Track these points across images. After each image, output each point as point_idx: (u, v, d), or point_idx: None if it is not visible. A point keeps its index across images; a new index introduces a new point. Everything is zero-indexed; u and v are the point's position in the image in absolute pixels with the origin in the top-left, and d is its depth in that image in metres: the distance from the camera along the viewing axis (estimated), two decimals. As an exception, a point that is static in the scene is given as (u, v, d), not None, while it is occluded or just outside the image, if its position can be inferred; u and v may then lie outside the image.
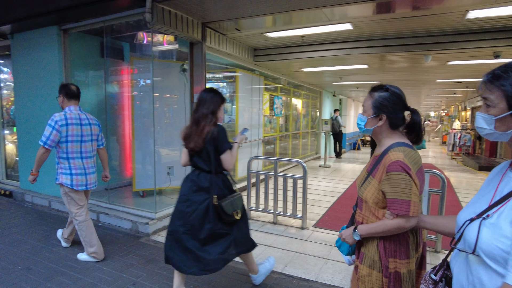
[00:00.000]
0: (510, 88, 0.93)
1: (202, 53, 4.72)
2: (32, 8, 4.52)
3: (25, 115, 5.51)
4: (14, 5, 4.76)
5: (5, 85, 6.26)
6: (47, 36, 5.01)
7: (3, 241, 3.97)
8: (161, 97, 5.29)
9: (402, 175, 1.39)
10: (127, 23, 4.65)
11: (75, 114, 3.42)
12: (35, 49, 5.21)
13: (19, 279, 3.10)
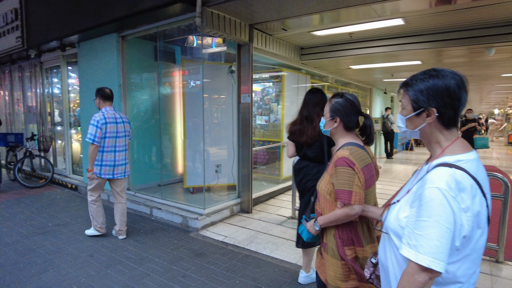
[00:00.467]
0: (413, 94, 1.17)
1: (249, 54, 4.81)
2: (96, 18, 4.94)
3: (88, 116, 6.01)
4: (81, 17, 5.23)
5: (72, 88, 6.89)
6: (108, 43, 5.43)
7: (71, 229, 4.40)
8: (210, 97, 5.49)
9: (346, 169, 1.61)
10: (178, 27, 4.88)
11: (111, 114, 3.93)
12: (97, 55, 5.68)
13: (84, 264, 3.43)
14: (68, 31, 5.55)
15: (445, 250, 1.00)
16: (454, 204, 1.01)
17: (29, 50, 6.78)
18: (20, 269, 3.32)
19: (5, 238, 4.11)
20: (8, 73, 8.44)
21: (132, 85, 5.65)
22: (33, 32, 6.45)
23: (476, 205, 1.05)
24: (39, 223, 4.63)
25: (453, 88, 1.12)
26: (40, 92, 7.36)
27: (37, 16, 6.31)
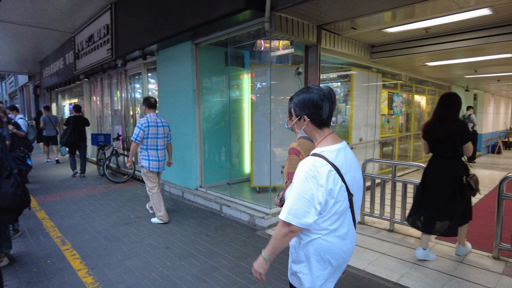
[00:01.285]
0: (293, 105, 1.66)
1: (317, 55, 4.78)
2: (173, 28, 5.36)
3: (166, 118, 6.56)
4: (160, 28, 5.72)
5: (151, 93, 7.56)
6: (183, 51, 5.86)
7: (150, 222, 4.84)
8: (276, 99, 5.58)
9: (293, 156, 2.02)
10: (248, 33, 5.06)
11: (153, 119, 4.73)
12: (173, 62, 6.15)
13: (161, 255, 3.75)
14: (148, 41, 6.11)
15: (302, 212, 1.46)
16: (311, 181, 1.45)
17: (116, 60, 7.61)
18: (109, 254, 3.76)
19: (97, 226, 4.68)
20: (99, 81, 9.57)
21: (204, 89, 6.00)
22: (120, 44, 7.23)
23: (330, 183, 1.46)
24: (123, 215, 5.18)
25: (316, 100, 1.57)
26: (125, 96, 8.22)
27: (124, 29, 7.06)
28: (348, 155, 1.62)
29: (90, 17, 8.41)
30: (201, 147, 6.01)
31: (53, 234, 4.39)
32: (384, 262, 3.52)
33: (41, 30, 9.62)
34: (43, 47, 12.28)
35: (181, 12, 5.18)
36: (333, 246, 1.58)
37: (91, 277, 3.26)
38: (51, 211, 5.41)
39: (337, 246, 1.58)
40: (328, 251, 1.58)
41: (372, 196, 4.63)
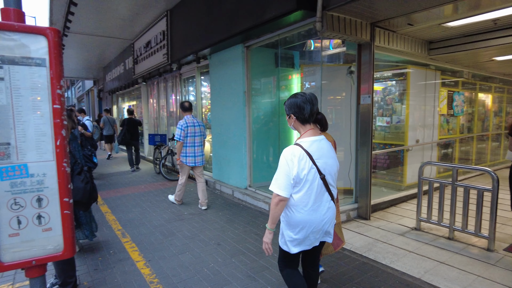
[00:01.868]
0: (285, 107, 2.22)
1: (370, 53, 4.62)
2: (225, 32, 5.51)
3: (217, 119, 6.77)
4: (212, 32, 5.92)
5: (204, 95, 7.84)
6: (234, 53, 5.99)
7: (202, 219, 5.02)
8: (326, 99, 5.48)
9: None
10: (298, 33, 5.04)
11: (190, 120, 5.41)
12: (225, 65, 6.32)
13: (212, 251, 3.87)
14: (202, 46, 6.35)
15: (285, 185, 2.03)
16: (289, 163, 2.03)
17: (172, 64, 8.01)
18: (164, 248, 3.97)
19: (154, 221, 4.96)
20: (156, 84, 10.14)
21: (254, 91, 6.09)
22: (175, 49, 7.60)
23: (301, 164, 2.02)
24: (177, 211, 5.43)
25: (299, 103, 2.11)
26: (179, 99, 8.61)
27: (178, 35, 7.41)
28: (322, 145, 2.15)
29: (148, 24, 8.95)
30: (251, 148, 6.10)
31: (114, 227, 4.73)
32: (443, 272, 3.29)
33: (105, 38, 10.47)
34: (106, 54, 13.34)
35: (232, 16, 5.31)
36: (306, 216, 2.10)
37: (148, 268, 3.46)
38: (112, 205, 5.84)
39: (307, 216, 2.11)
40: (301, 220, 2.11)
41: (430, 201, 4.35)
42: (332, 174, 2.16)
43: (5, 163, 1.42)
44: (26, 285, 3.18)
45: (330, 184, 2.15)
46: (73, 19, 7.89)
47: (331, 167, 2.15)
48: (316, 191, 2.08)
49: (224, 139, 6.59)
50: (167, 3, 7.35)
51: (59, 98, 1.47)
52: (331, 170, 2.14)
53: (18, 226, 1.49)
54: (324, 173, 2.09)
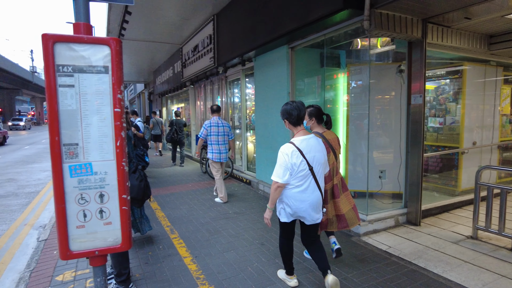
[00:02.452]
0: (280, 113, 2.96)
1: (422, 51, 4.40)
2: (270, 34, 5.56)
3: (261, 121, 6.84)
4: (257, 35, 6.00)
5: (249, 97, 7.96)
6: (279, 55, 6.02)
7: (247, 218, 5.10)
8: (373, 99, 5.30)
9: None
10: (345, 33, 4.93)
11: (215, 121, 6.05)
12: (270, 67, 6.37)
13: (256, 251, 3.92)
14: (247, 48, 6.46)
15: (282, 174, 2.70)
16: (285, 157, 2.69)
17: (218, 67, 8.23)
18: (210, 245, 4.10)
19: (200, 219, 5.14)
20: (203, 87, 10.47)
21: (298, 92, 6.07)
22: (221, 52, 7.80)
23: (293, 158, 2.68)
24: (222, 210, 5.57)
25: (288, 110, 2.79)
26: (225, 101, 8.82)
27: (225, 38, 7.60)
28: (311, 142, 2.80)
29: (195, 29, 9.28)
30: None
31: (163, 223, 4.97)
32: (504, 286, 3.04)
33: (155, 44, 11.04)
34: (156, 59, 14.04)
35: (277, 18, 5.34)
36: (296, 194, 2.79)
37: (195, 265, 3.60)
38: (162, 202, 6.15)
39: (298, 195, 2.79)
40: (292, 197, 2.80)
41: (489, 208, 4.04)
42: (320, 164, 2.83)
43: (73, 161, 1.58)
44: (86, 272, 3.47)
45: (317, 174, 2.81)
46: (127, 27, 8.41)
47: (319, 160, 2.82)
48: (304, 179, 2.77)
49: (268, 140, 6.63)
50: (214, 7, 7.57)
51: (119, 102, 1.60)
52: (318, 161, 2.81)
53: (84, 219, 1.64)
54: (312, 164, 2.76)
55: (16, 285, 3.37)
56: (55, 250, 4.08)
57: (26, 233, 4.94)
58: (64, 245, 1.61)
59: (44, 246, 4.25)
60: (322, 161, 2.84)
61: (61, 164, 1.56)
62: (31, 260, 3.91)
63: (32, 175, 9.79)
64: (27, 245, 4.47)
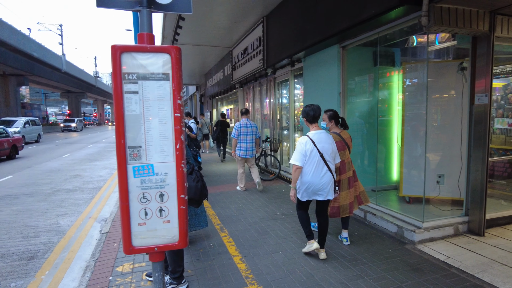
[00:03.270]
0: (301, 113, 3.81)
1: (488, 46, 4.05)
2: (320, 34, 5.48)
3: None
4: (307, 35, 5.94)
5: (297, 98, 7.91)
6: (329, 55, 5.91)
7: (294, 220, 5.07)
8: (430, 98, 4.99)
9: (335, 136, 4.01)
10: (400, 30, 4.71)
11: (244, 122, 6.93)
12: (320, 67, 6.27)
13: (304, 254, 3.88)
14: (296, 49, 6.42)
15: (300, 159, 3.53)
16: (301, 145, 3.53)
17: (267, 69, 8.29)
18: (259, 246, 4.14)
19: (249, 218, 5.22)
20: (251, 89, 10.62)
21: (350, 92, 5.90)
22: (270, 54, 7.85)
23: (307, 146, 3.51)
24: (270, 210, 5.60)
25: (306, 111, 3.64)
26: (273, 102, 8.86)
27: (274, 40, 7.63)
28: (321, 136, 3.58)
29: (245, 31, 9.44)
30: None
31: (214, 221, 5.12)
32: None
33: (206, 48, 11.42)
34: (207, 62, 14.51)
35: (328, 17, 5.25)
36: (310, 178, 3.54)
37: (244, 264, 3.66)
38: (212, 201, 6.34)
39: (312, 179, 3.54)
40: (307, 181, 3.56)
41: None
42: (328, 153, 3.59)
43: (137, 163, 1.70)
44: (142, 266, 3.69)
45: (327, 160, 3.57)
46: (181, 32, 8.80)
47: (327, 149, 3.58)
48: (316, 163, 3.54)
49: (317, 141, 6.54)
50: (263, 9, 7.64)
51: (179, 107, 1.69)
52: (327, 151, 3.58)
53: (145, 217, 1.76)
54: (322, 152, 3.54)
55: (83, 272, 3.69)
56: (115, 242, 4.40)
57: (90, 225, 5.38)
58: (127, 241, 1.74)
59: (106, 238, 4.60)
60: (330, 151, 3.60)
61: (126, 165, 1.69)
62: (95, 250, 4.25)
63: (95, 172, 10.64)
64: (92, 237, 4.86)
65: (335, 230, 4.65)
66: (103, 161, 13.28)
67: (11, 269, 3.85)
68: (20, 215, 5.94)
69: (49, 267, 3.89)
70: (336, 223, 4.91)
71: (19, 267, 3.89)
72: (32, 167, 11.65)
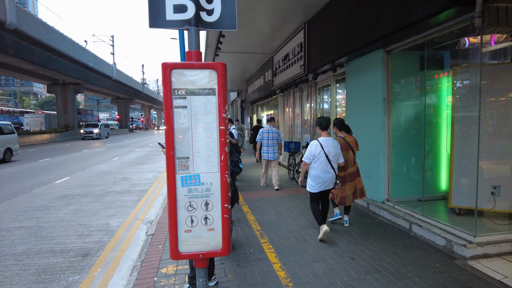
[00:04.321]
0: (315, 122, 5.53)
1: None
2: (364, 38, 5.37)
3: (352, 127, 6.60)
4: (350, 40, 5.85)
5: (339, 103, 7.78)
6: (373, 59, 5.76)
7: (335, 229, 4.99)
8: (484, 101, 4.67)
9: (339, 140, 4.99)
10: (449, 32, 4.48)
11: (267, 128, 7.93)
12: (363, 72, 6.13)
13: (346, 264, 3.80)
14: (339, 54, 6.34)
15: (308, 158, 4.59)
16: (312, 148, 4.57)
17: (308, 75, 8.25)
18: (299, 254, 4.12)
19: (288, 225, 5.21)
20: (292, 94, 10.62)
21: (395, 97, 5.70)
22: (311, 59, 7.81)
23: (316, 149, 4.54)
24: (310, 218, 5.54)
25: (320, 121, 4.68)
26: (314, 107, 8.79)
27: (315, 46, 7.59)
28: (328, 141, 4.54)
29: (286, 38, 9.48)
30: (389, 158, 5.72)
31: (254, 227, 5.18)
32: None
33: (248, 55, 11.62)
34: (248, 69, 14.75)
35: (372, 21, 5.13)
36: (317, 173, 4.52)
37: (283, 271, 3.66)
38: (252, 206, 6.41)
39: (319, 173, 4.52)
40: (315, 175, 4.55)
41: None
42: (332, 155, 4.53)
43: (185, 173, 1.79)
44: (185, 268, 3.82)
45: (331, 160, 4.52)
46: (223, 40, 9.04)
47: (331, 152, 4.53)
48: (323, 162, 4.50)
49: (360, 148, 6.37)
50: (304, 16, 7.64)
51: (224, 121, 1.76)
52: (331, 153, 4.53)
53: (191, 225, 1.85)
54: (327, 154, 4.49)
55: (131, 271, 3.91)
56: (160, 244, 4.60)
57: (137, 227, 5.68)
58: (174, 247, 1.84)
59: (151, 240, 4.83)
60: (334, 153, 4.57)
61: (174, 175, 1.79)
62: (141, 251, 4.48)
63: (141, 175, 11.19)
64: (138, 238, 5.13)
65: (384, 236, 4.50)
66: (149, 164, 13.93)
67: (69, 264, 4.17)
68: (76, 214, 6.42)
69: (100, 265, 4.17)
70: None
71: (75, 263, 4.21)
72: (86, 169, 12.53)
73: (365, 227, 5.07)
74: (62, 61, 28.43)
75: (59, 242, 4.97)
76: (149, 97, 66.98)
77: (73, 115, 36.09)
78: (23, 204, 7.27)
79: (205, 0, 1.82)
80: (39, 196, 7.98)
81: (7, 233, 5.39)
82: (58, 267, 4.12)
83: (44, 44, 23.16)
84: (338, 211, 5.34)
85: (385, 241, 4.47)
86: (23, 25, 19.74)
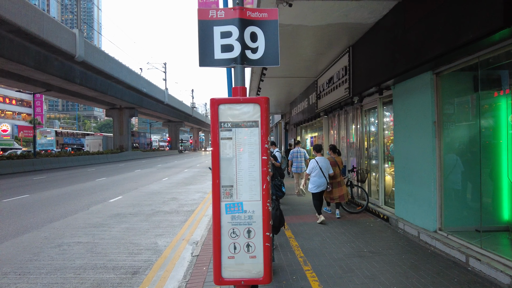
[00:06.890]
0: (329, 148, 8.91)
1: None
2: (411, 61, 5.25)
3: (401, 152, 6.37)
4: (397, 63, 5.74)
5: (387, 126, 7.55)
6: (421, 82, 5.58)
7: (383, 259, 4.75)
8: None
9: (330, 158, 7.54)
10: (506, 52, 4.24)
11: (296, 149, 10.48)
12: (410, 95, 5.95)
13: (396, 298, 3.59)
14: (385, 77, 6.23)
15: (309, 170, 7.15)
16: (312, 164, 7.09)
17: (353, 97, 8.16)
18: (344, 284, 3.97)
19: (333, 253, 5.06)
20: (336, 117, 10.51)
21: (445, 120, 5.43)
22: (356, 82, 7.74)
23: (314, 165, 7.03)
24: (356, 246, 5.34)
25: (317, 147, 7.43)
26: (360, 130, 8.61)
27: (360, 69, 7.53)
28: (321, 159, 7.10)
29: (330, 61, 9.51)
30: (441, 184, 5.38)
31: (297, 253, 5.10)
32: None
33: (292, 79, 11.80)
34: (292, 92, 14.91)
35: (419, 44, 5.01)
36: (315, 179, 7.04)
37: (328, 301, 3.55)
38: (295, 231, 6.32)
39: (316, 180, 7.03)
40: (314, 181, 7.06)
41: None
42: (324, 168, 6.97)
43: (229, 200, 1.88)
44: None
45: (324, 172, 6.95)
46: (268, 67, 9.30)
47: (324, 166, 6.99)
48: (318, 173, 6.95)
49: (409, 173, 6.10)
50: (349, 40, 7.66)
51: (266, 151, 1.84)
52: (324, 167, 6.97)
53: (234, 251, 1.91)
54: (321, 167, 6.95)
55: (177, 292, 4.03)
56: (204, 266, 4.70)
57: (183, 247, 5.85)
58: (218, 272, 1.90)
59: (196, 261, 4.94)
60: (325, 167, 6.97)
61: (219, 202, 1.88)
62: (186, 272, 4.60)
63: (189, 195, 11.58)
64: (184, 258, 5.28)
65: (436, 269, 4.19)
66: (196, 185, 14.39)
67: (120, 281, 4.41)
68: (127, 232, 6.79)
69: (148, 283, 4.35)
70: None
71: (126, 280, 4.44)
72: (138, 189, 13.25)
73: (416, 258, 4.77)
74: (119, 88, 31.05)
75: (112, 258, 5.28)
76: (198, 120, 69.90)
77: (128, 137, 38.82)
78: (82, 220, 7.86)
79: (250, 39, 1.95)
80: (95, 214, 8.58)
81: (68, 247, 5.85)
82: (110, 283, 4.36)
83: (105, 73, 25.57)
84: (329, 207, 8.09)
85: (437, 275, 4.16)
86: (89, 57, 22.02)
